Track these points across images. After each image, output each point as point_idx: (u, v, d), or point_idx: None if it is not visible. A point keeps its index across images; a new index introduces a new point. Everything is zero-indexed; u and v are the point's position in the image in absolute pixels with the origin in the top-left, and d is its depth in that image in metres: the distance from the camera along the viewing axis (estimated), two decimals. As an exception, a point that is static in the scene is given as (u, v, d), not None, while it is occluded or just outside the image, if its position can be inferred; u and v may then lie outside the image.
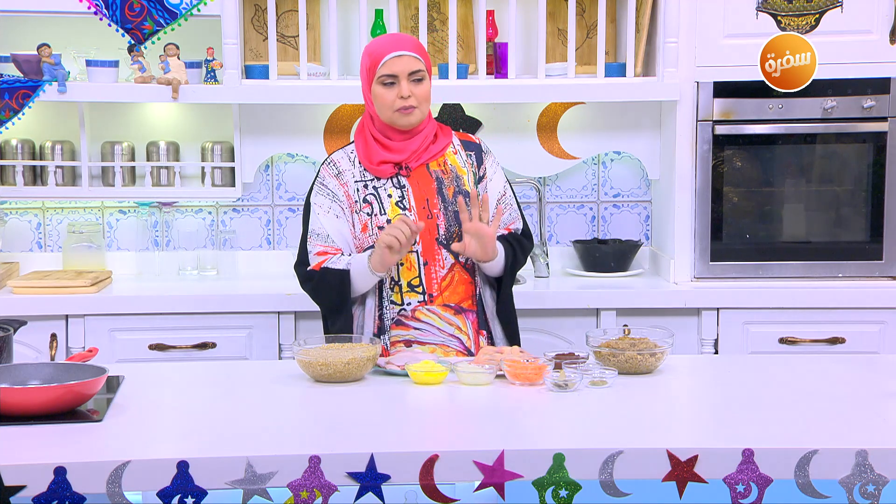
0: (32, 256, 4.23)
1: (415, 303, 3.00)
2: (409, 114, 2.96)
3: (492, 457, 2.06)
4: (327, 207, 3.03)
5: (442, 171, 3.04)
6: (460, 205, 2.96)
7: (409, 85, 2.95)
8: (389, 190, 3.01)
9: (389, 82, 2.95)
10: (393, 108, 2.96)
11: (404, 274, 3.00)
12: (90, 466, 2.01)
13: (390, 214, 2.98)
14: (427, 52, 3.03)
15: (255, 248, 4.32)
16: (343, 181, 3.04)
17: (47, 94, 3.86)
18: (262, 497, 2.03)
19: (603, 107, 4.22)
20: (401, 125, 2.99)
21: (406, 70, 2.95)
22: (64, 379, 2.38)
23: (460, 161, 3.08)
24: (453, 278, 3.01)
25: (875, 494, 2.07)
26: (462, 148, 3.11)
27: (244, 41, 4.09)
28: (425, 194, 3.01)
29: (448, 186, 3.02)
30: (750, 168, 3.96)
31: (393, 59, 2.95)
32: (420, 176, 3.02)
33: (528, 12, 4.10)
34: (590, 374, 2.58)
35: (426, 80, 2.99)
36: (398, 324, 3.00)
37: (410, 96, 2.94)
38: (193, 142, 4.22)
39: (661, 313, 3.76)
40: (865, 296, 3.82)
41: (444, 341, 2.99)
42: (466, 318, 3.02)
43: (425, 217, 2.99)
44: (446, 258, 3.01)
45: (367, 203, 3.01)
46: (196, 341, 3.74)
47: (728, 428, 2.29)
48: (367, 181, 3.02)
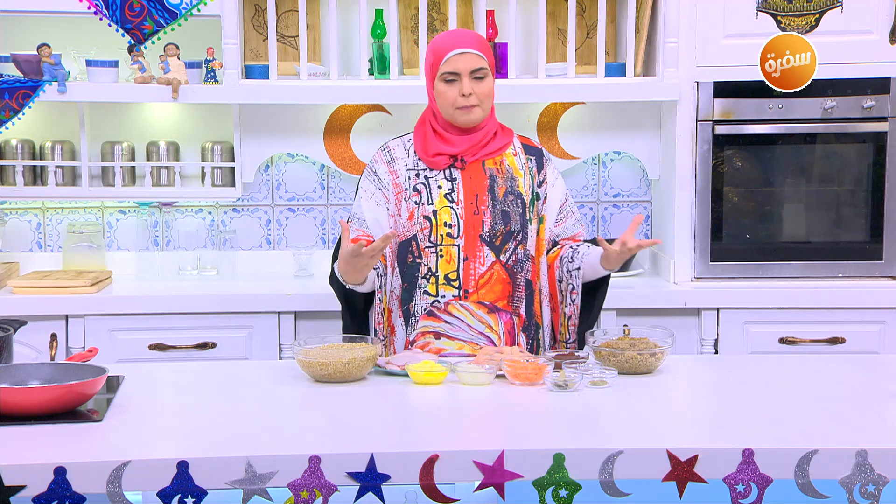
0: (32, 256, 4.23)
1: (449, 296, 2.97)
2: (470, 112, 2.95)
3: (492, 457, 2.06)
4: (371, 193, 3.04)
5: (497, 169, 3.02)
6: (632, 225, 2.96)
7: (470, 83, 2.93)
8: (440, 181, 3.00)
9: (451, 79, 2.95)
10: (454, 105, 2.95)
11: (443, 266, 2.98)
12: (90, 466, 2.01)
13: (437, 205, 2.97)
14: (490, 50, 3.01)
15: (255, 248, 4.32)
16: (394, 168, 3.04)
17: (47, 94, 3.86)
18: (262, 497, 2.03)
19: (603, 107, 4.22)
20: (461, 123, 2.98)
21: (468, 68, 2.93)
22: (64, 379, 2.37)
23: (518, 163, 3.05)
24: (491, 276, 2.98)
25: (875, 494, 2.07)
26: (522, 151, 3.09)
27: (244, 41, 4.09)
28: (475, 190, 2.99)
29: (501, 185, 3.00)
30: (750, 168, 3.96)
31: (455, 56, 2.94)
32: (474, 171, 3.01)
33: (528, 12, 4.10)
34: (590, 375, 2.58)
35: (488, 78, 2.97)
36: (430, 315, 2.98)
37: (472, 94, 2.93)
38: (193, 142, 4.22)
39: (661, 313, 3.76)
40: (865, 296, 3.82)
41: (473, 339, 2.96)
42: (500, 318, 2.99)
43: (472, 213, 2.98)
44: (487, 255, 2.98)
45: (416, 192, 3.00)
46: (196, 341, 3.74)
47: (728, 428, 2.29)
48: (419, 170, 3.02)
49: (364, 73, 3.98)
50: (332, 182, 4.31)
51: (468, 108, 2.95)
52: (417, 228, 2.98)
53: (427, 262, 2.98)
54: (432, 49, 2.99)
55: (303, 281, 4.10)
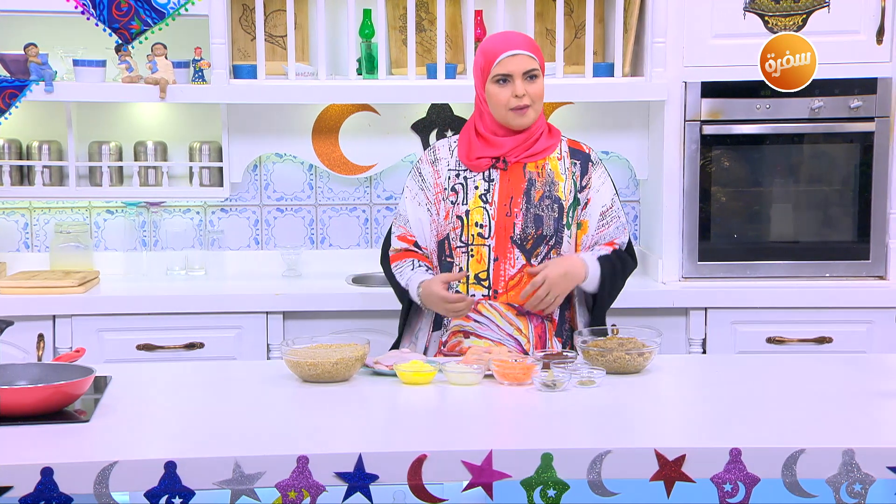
0: (19, 256, 4.22)
1: (479, 296, 2.98)
2: (524, 114, 2.96)
3: (480, 457, 2.06)
4: (414, 193, 3.08)
5: (537, 173, 3.02)
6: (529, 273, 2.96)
7: (523, 84, 2.94)
8: (478, 182, 3.01)
9: (503, 80, 2.95)
10: (508, 106, 2.95)
11: (473, 266, 2.99)
12: (77, 467, 2.01)
13: (471, 206, 2.99)
14: (540, 51, 3.02)
15: (244, 248, 4.31)
16: (437, 168, 3.06)
17: (34, 93, 3.85)
18: (249, 497, 2.02)
19: (591, 107, 4.22)
20: (515, 125, 2.98)
21: (521, 69, 2.94)
22: (51, 379, 2.37)
23: (561, 168, 3.05)
24: (521, 279, 2.98)
25: (862, 493, 2.08)
26: (568, 155, 3.08)
27: (232, 41, 4.09)
28: (511, 192, 3.00)
29: (538, 189, 3.00)
30: (738, 168, 3.97)
31: (507, 58, 2.94)
32: (513, 173, 3.01)
33: (516, 12, 4.10)
34: (578, 374, 2.58)
35: (540, 79, 2.98)
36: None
37: (525, 95, 2.94)
38: (181, 142, 4.21)
39: (649, 313, 3.77)
40: (852, 295, 3.83)
41: (501, 339, 2.97)
42: (530, 322, 2.98)
43: (504, 214, 2.98)
44: (517, 258, 2.98)
45: (454, 192, 3.02)
46: (184, 341, 3.74)
47: (716, 427, 2.30)
48: (460, 171, 3.04)
49: (352, 73, 3.98)
50: (320, 182, 4.31)
51: (522, 110, 2.95)
52: (451, 227, 3.00)
53: (458, 262, 2.99)
54: (483, 51, 3.00)
55: (291, 281, 4.10)
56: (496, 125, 3.01)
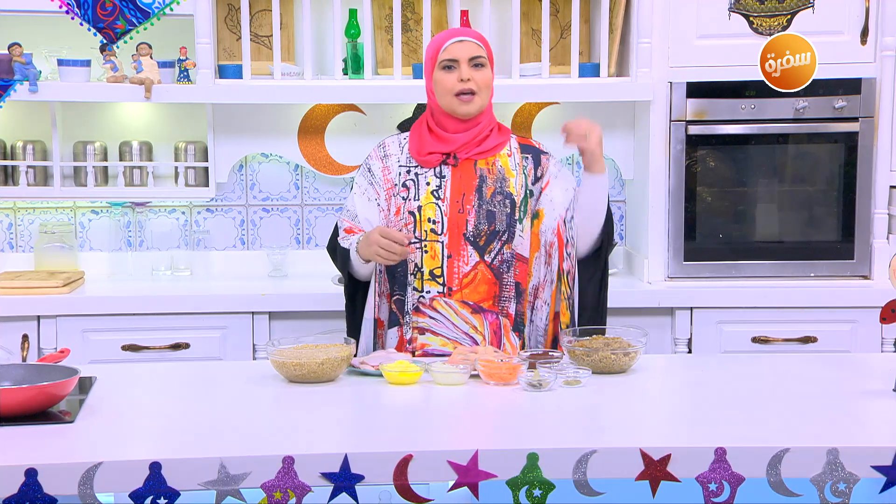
0: (4, 257, 4.20)
1: (434, 292, 2.98)
2: (470, 101, 2.96)
3: (466, 456, 2.06)
4: (363, 189, 3.07)
5: (488, 170, 3.02)
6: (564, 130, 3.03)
7: (469, 69, 2.95)
8: (429, 178, 3.01)
9: (449, 65, 2.96)
10: (452, 91, 2.95)
11: (427, 262, 2.98)
12: (62, 468, 2.00)
13: (423, 201, 2.98)
14: (489, 45, 3.04)
15: (229, 248, 4.30)
16: (387, 164, 3.05)
17: (18, 93, 3.84)
18: (235, 498, 2.02)
19: (577, 107, 4.23)
20: (460, 113, 2.98)
21: (466, 55, 2.95)
22: (36, 380, 2.36)
23: (512, 163, 3.05)
24: (475, 276, 2.98)
25: (846, 493, 2.08)
26: (518, 151, 3.09)
27: (217, 41, 4.08)
28: (463, 188, 3.00)
29: (489, 186, 3.00)
30: (723, 168, 3.98)
31: (454, 44, 2.97)
32: (464, 170, 3.01)
33: (501, 12, 4.10)
34: (564, 374, 2.58)
35: (487, 68, 2.99)
36: (416, 310, 2.98)
37: (470, 80, 2.94)
38: (166, 142, 4.20)
39: (634, 313, 3.77)
40: (837, 295, 3.84)
41: (457, 337, 2.96)
42: (485, 319, 2.98)
43: (456, 211, 2.98)
44: (471, 255, 2.97)
45: (405, 188, 3.01)
46: (169, 342, 3.73)
47: (701, 427, 2.30)
48: (410, 167, 3.03)
49: (338, 73, 3.98)
50: (306, 182, 4.30)
51: (468, 97, 2.95)
52: (402, 224, 2.99)
53: (413, 258, 2.98)
54: (432, 42, 3.03)
55: (277, 281, 4.09)
56: (445, 117, 3.01)
